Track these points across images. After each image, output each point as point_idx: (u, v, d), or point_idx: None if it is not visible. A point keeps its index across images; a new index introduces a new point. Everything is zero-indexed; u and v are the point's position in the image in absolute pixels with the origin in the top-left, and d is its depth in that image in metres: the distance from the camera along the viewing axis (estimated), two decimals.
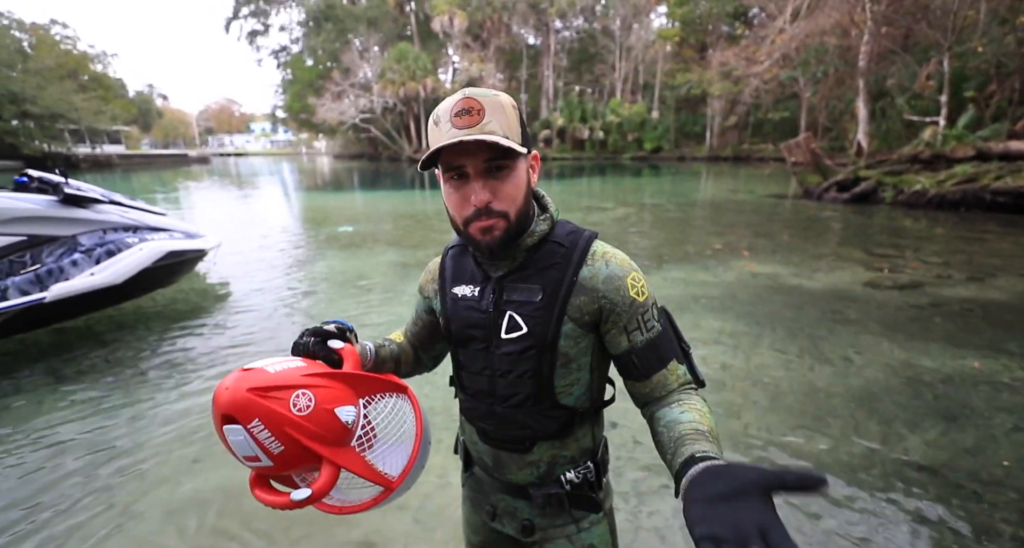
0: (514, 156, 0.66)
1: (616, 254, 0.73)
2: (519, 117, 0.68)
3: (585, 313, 0.70)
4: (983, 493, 1.86)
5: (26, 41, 29.92)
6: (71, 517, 1.81)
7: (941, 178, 9.06)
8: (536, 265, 0.72)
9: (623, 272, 0.70)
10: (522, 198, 0.69)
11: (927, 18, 12.30)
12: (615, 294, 0.69)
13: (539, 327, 0.70)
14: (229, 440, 0.56)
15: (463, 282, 0.78)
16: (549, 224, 0.74)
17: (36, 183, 3.49)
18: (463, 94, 0.64)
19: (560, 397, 0.74)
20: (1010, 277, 4.65)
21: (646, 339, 0.70)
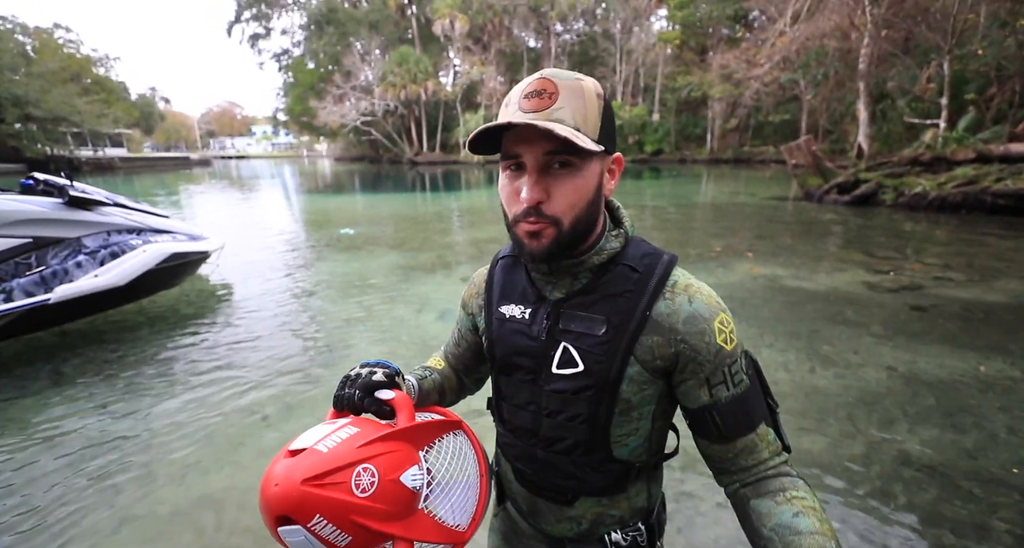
0: (583, 153, 0.54)
1: (701, 288, 0.60)
2: (602, 109, 0.56)
3: (657, 357, 0.59)
4: (982, 493, 1.87)
5: (29, 45, 30.10)
6: (75, 516, 1.83)
7: (942, 180, 9.07)
8: (602, 291, 0.60)
9: (710, 312, 0.58)
10: (584, 205, 0.57)
11: (927, 21, 12.33)
12: (698, 339, 0.57)
13: (599, 366, 0.59)
14: (287, 541, 0.48)
15: (512, 300, 0.67)
16: (622, 242, 0.62)
17: (42, 186, 3.53)
18: (540, 74, 0.55)
19: (615, 448, 0.63)
20: (1011, 279, 4.65)
21: (732, 396, 0.58)
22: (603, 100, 0.57)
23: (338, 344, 3.43)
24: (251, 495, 1.93)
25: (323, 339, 3.54)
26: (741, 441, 0.59)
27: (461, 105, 34.13)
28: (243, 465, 2.12)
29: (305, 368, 3.06)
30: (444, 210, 11.39)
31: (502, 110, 0.58)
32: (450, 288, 4.72)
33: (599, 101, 0.56)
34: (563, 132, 0.50)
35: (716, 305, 0.59)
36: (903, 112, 13.66)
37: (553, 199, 0.56)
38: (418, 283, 4.89)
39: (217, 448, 2.24)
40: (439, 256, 6.04)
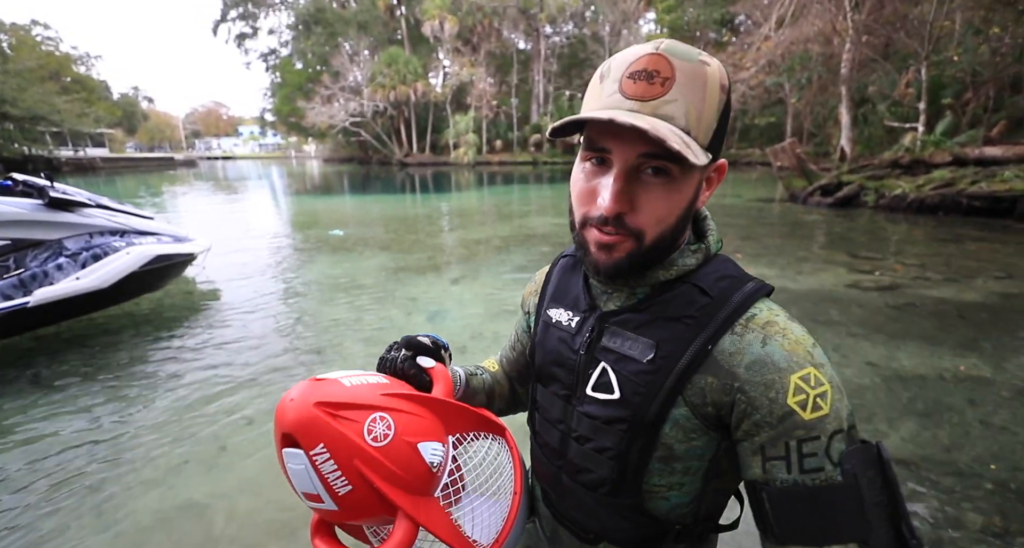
0: (686, 163, 0.43)
1: (789, 330, 0.47)
2: (722, 105, 0.45)
3: (709, 402, 0.47)
4: (957, 486, 1.93)
5: (5, 42, 29.36)
6: (58, 521, 1.79)
7: (920, 183, 9.32)
8: (659, 311, 0.50)
9: (788, 362, 0.44)
10: (674, 220, 0.47)
11: (906, 28, 12.67)
12: (760, 392, 0.44)
13: (637, 398, 0.49)
14: (288, 467, 0.45)
15: (563, 305, 0.59)
16: (699, 259, 0.52)
17: (21, 187, 3.45)
18: (655, 45, 0.43)
19: (649, 499, 0.53)
20: (985, 278, 4.80)
21: (795, 483, 0.43)
22: (727, 94, 0.46)
23: (327, 346, 3.41)
24: (233, 499, 1.91)
25: (311, 341, 3.52)
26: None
27: (451, 106, 34.09)
28: (227, 467, 2.10)
29: (293, 370, 3.03)
30: (434, 211, 11.36)
31: (595, 83, 0.46)
32: (440, 289, 4.72)
33: (722, 95, 0.45)
34: (675, 144, 0.40)
35: (803, 356, 0.45)
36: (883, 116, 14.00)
37: (639, 210, 0.46)
38: (408, 284, 4.88)
39: (201, 450, 2.22)
40: (429, 257, 6.03)
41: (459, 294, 4.57)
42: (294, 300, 4.53)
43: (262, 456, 2.19)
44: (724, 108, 0.46)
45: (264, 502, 1.90)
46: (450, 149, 33.43)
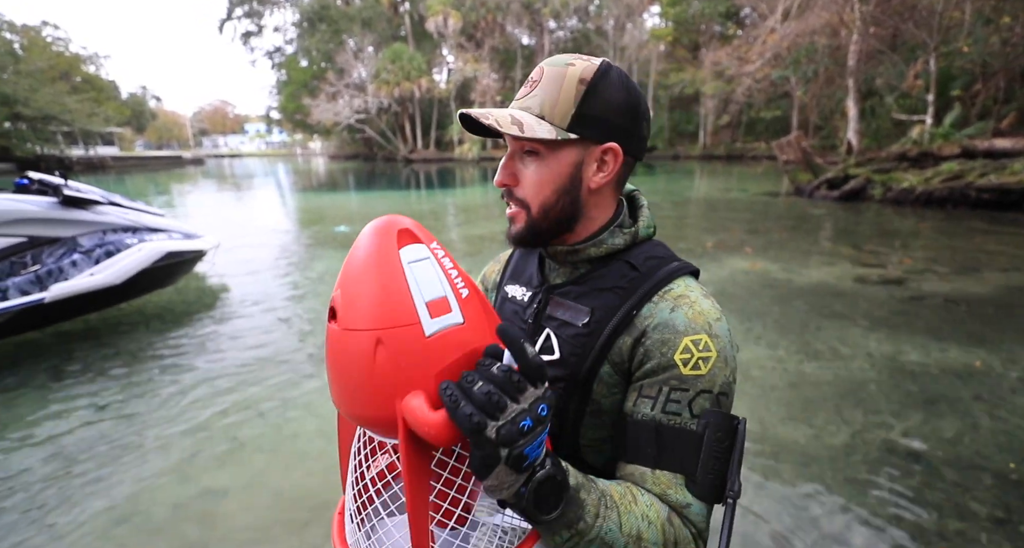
0: (549, 143, 0.54)
1: (697, 304, 0.54)
2: (582, 94, 0.53)
3: (625, 358, 0.55)
4: (961, 478, 1.94)
5: (17, 43, 29.63)
6: (72, 513, 1.86)
7: (928, 175, 9.22)
8: (594, 283, 0.59)
9: (686, 327, 0.52)
10: (551, 193, 0.56)
11: (914, 18, 12.48)
12: (656, 346, 0.52)
13: (574, 358, 0.56)
14: (409, 269, 0.40)
15: (519, 282, 0.68)
16: (626, 241, 0.60)
17: (37, 185, 3.52)
18: (544, 62, 0.56)
19: (586, 452, 0.59)
20: (993, 272, 4.77)
21: (652, 419, 0.51)
22: (587, 85, 0.53)
23: None
24: (249, 490, 1.97)
25: (319, 336, 3.57)
26: (631, 468, 0.51)
27: (455, 102, 34.02)
28: (239, 460, 2.16)
29: (301, 365, 3.09)
30: (439, 207, 11.40)
31: None
32: None
33: (580, 86, 0.53)
34: (488, 121, 0.52)
35: (702, 325, 0.52)
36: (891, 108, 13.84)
37: (521, 184, 0.57)
38: None
39: (213, 443, 2.27)
40: None
41: None
42: (301, 296, 4.59)
43: (274, 449, 2.24)
44: (586, 96, 0.53)
45: (275, 495, 1.95)
46: (454, 145, 33.41)
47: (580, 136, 0.54)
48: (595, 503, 0.44)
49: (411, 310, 0.38)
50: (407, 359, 0.38)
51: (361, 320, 0.38)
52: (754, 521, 1.75)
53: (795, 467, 2.03)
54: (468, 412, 0.35)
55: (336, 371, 0.41)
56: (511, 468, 0.38)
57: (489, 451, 0.37)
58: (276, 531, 1.75)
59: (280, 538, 1.71)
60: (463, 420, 0.35)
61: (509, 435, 0.36)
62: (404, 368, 0.38)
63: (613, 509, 0.45)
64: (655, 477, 0.50)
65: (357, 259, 0.41)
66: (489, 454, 0.37)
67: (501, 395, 0.36)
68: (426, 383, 0.38)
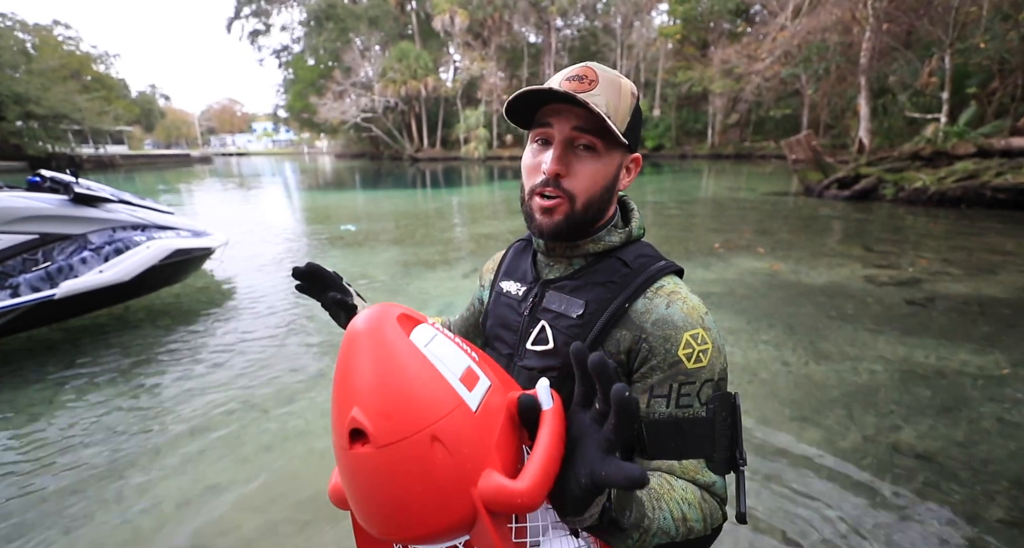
0: (608, 140, 0.57)
1: (688, 299, 0.59)
2: (634, 107, 0.60)
3: (621, 351, 0.58)
4: (974, 482, 1.91)
5: (29, 42, 30.03)
6: (82, 506, 1.87)
7: (942, 175, 9.06)
8: (589, 278, 0.62)
9: (684, 323, 0.56)
10: (599, 189, 0.60)
11: (929, 14, 12.26)
12: (660, 343, 0.56)
13: (567, 348, 0.59)
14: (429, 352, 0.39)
15: (513, 278, 0.71)
16: (622, 239, 0.64)
17: (48, 183, 3.56)
18: (585, 63, 0.59)
19: None
20: (1009, 273, 4.67)
21: (669, 415, 0.54)
22: (636, 100, 0.60)
23: (340, 339, 3.46)
24: (252, 488, 1.97)
25: (325, 334, 3.59)
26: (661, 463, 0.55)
27: (461, 101, 34.03)
28: (244, 457, 2.17)
29: (307, 363, 3.10)
30: (445, 206, 11.40)
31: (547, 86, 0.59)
32: (451, 283, 4.75)
33: (632, 99, 0.59)
34: (600, 110, 0.54)
35: (696, 320, 0.57)
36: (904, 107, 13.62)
37: (573, 175, 0.58)
38: (419, 278, 4.92)
39: (219, 440, 2.28)
40: (440, 252, 6.07)
41: (470, 288, 4.60)
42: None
43: (279, 447, 2.25)
44: (635, 110, 0.60)
45: (280, 493, 1.96)
46: (460, 144, 33.42)
47: (628, 143, 0.60)
48: (648, 498, 0.47)
49: (451, 392, 0.36)
50: (467, 443, 0.35)
51: (406, 425, 0.34)
52: (760, 524, 1.73)
53: (803, 469, 2.00)
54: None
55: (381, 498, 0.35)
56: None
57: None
58: (282, 529, 1.75)
59: (286, 536, 1.72)
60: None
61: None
62: (467, 454, 0.35)
63: (661, 499, 0.49)
64: (682, 467, 0.54)
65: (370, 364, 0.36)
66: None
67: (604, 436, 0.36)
68: (491, 458, 0.36)
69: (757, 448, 2.15)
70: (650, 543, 0.46)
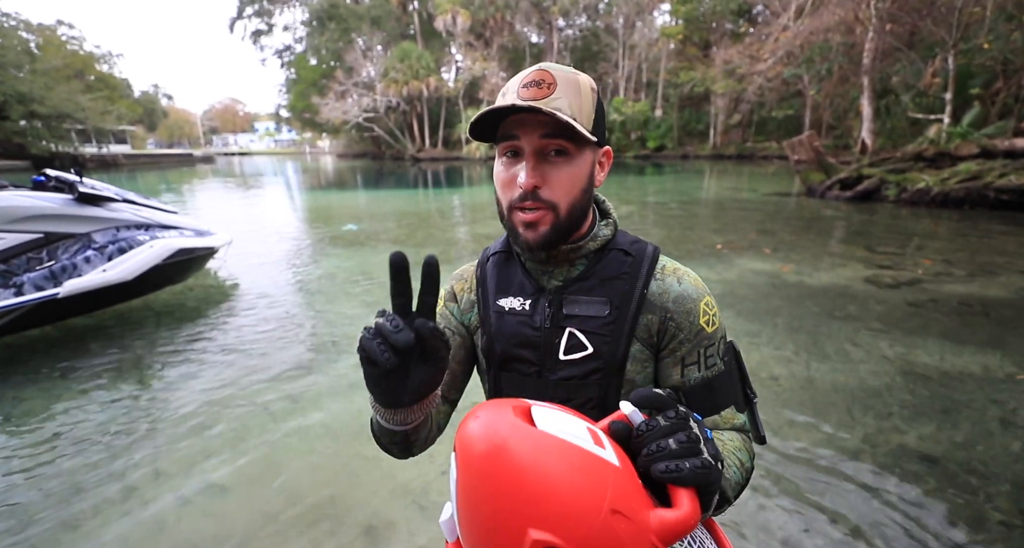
0: (579, 141, 0.56)
1: (688, 273, 0.64)
2: (596, 102, 0.58)
3: (653, 333, 0.61)
4: (976, 484, 1.90)
5: (33, 42, 30.15)
6: (87, 504, 1.88)
7: (945, 176, 9.03)
8: (600, 275, 0.62)
9: (697, 294, 0.62)
10: (579, 192, 0.59)
11: (932, 15, 12.23)
12: (684, 317, 0.60)
13: (607, 346, 0.60)
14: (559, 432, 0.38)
15: (510, 294, 0.66)
16: (613, 230, 0.66)
17: (53, 182, 3.58)
18: (538, 66, 0.57)
19: None
20: (1012, 274, 4.66)
21: (702, 377, 0.60)
22: (596, 94, 0.59)
23: (342, 339, 3.48)
24: (256, 487, 1.98)
25: (327, 334, 3.59)
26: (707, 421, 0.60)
27: (463, 101, 34.05)
28: (248, 456, 2.17)
29: (309, 362, 3.11)
30: (446, 206, 11.41)
31: (499, 99, 0.58)
32: None
33: (593, 94, 0.58)
34: (564, 116, 0.53)
35: (702, 288, 0.63)
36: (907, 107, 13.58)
37: (550, 185, 0.57)
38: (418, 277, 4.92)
39: (223, 439, 2.29)
40: (442, 252, 6.08)
41: None
42: (310, 294, 4.62)
43: (281, 445, 2.26)
44: (597, 105, 0.59)
45: (280, 490, 1.97)
46: (462, 144, 33.44)
47: (597, 140, 0.59)
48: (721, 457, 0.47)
49: (596, 459, 0.37)
50: (631, 499, 0.36)
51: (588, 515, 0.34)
52: (761, 526, 1.73)
53: (804, 471, 2.00)
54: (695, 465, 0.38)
55: None
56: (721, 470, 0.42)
57: (717, 474, 0.40)
58: (283, 527, 1.76)
59: (288, 534, 1.72)
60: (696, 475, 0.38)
61: (716, 450, 0.41)
62: (636, 509, 0.36)
63: (724, 456, 0.51)
64: (722, 418, 0.60)
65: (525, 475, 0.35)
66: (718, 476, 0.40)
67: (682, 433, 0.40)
68: (647, 500, 0.37)
69: (758, 449, 2.15)
70: (731, 497, 0.52)
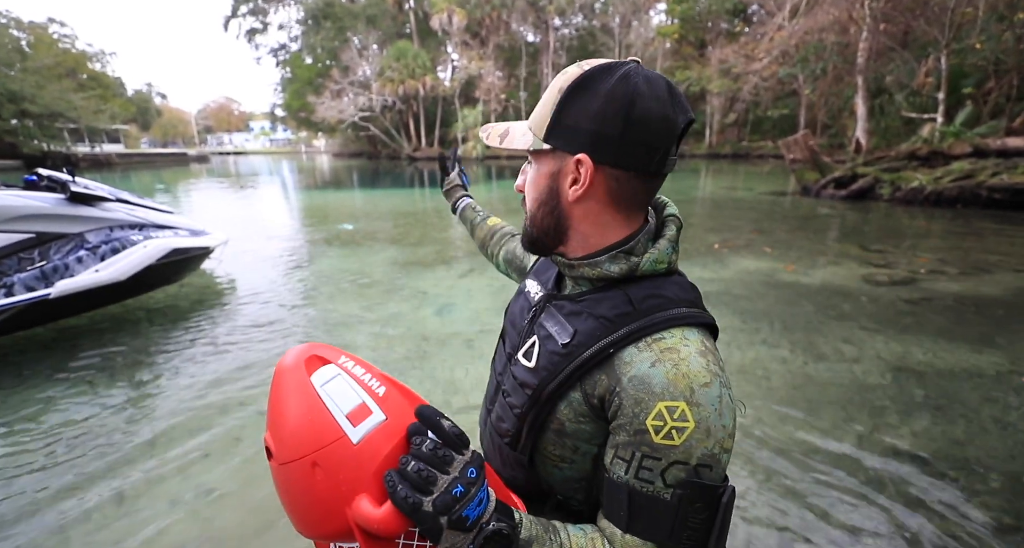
0: (533, 152, 0.57)
1: (684, 363, 0.48)
2: (558, 102, 0.52)
3: (596, 395, 0.52)
4: (968, 481, 1.92)
5: (24, 40, 29.81)
6: (80, 507, 1.86)
7: (938, 175, 9.10)
8: (589, 306, 0.55)
9: (662, 389, 0.47)
10: (533, 200, 0.57)
11: (925, 15, 12.31)
12: (630, 403, 0.48)
13: (545, 373, 0.55)
14: (323, 391, 0.43)
15: (538, 280, 0.68)
16: (621, 270, 0.54)
17: (45, 182, 3.54)
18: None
19: (543, 463, 0.59)
20: (1004, 273, 4.70)
21: (625, 482, 0.48)
22: (563, 93, 0.51)
23: (337, 339, 3.47)
24: (249, 487, 1.97)
25: (322, 334, 3.58)
26: (607, 526, 0.50)
27: (459, 100, 33.99)
28: (242, 457, 2.16)
29: None
30: (442, 205, 11.39)
31: None
32: (449, 283, 4.75)
33: (557, 95, 0.52)
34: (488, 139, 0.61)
35: (681, 391, 0.47)
36: (901, 107, 13.67)
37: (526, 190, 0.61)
38: (417, 278, 4.92)
39: (216, 440, 2.28)
40: (438, 251, 6.06)
41: (467, 288, 4.60)
42: (305, 293, 4.60)
43: None
44: (562, 105, 0.52)
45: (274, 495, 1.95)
46: (458, 143, 33.39)
47: (553, 146, 0.53)
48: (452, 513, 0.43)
49: (334, 426, 0.42)
50: (343, 470, 0.41)
51: (293, 451, 0.42)
52: (757, 525, 1.74)
53: (799, 470, 2.01)
54: (404, 495, 0.40)
55: (287, 502, 0.45)
56: (456, 530, 0.42)
57: (431, 524, 0.41)
58: (279, 530, 1.75)
59: (286, 537, 1.72)
60: (401, 503, 0.40)
61: (444, 504, 0.41)
62: (343, 480, 0.41)
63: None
64: (623, 541, 0.49)
65: (276, 398, 0.44)
66: (432, 526, 0.41)
67: (430, 470, 0.41)
68: (367, 484, 0.42)
69: (753, 447, 2.16)
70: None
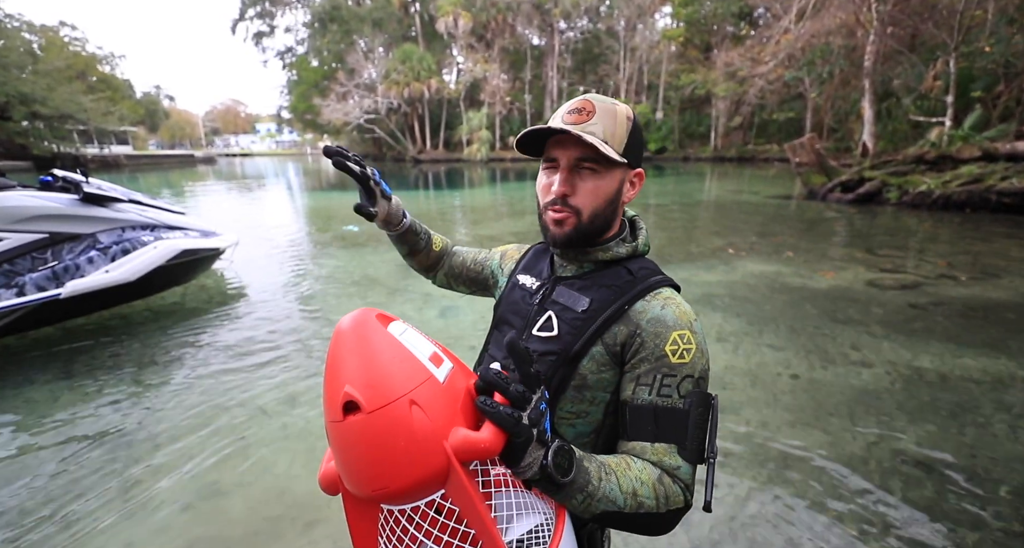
0: (607, 162, 0.66)
1: (680, 305, 0.66)
2: (631, 129, 0.68)
3: (618, 343, 0.66)
4: (977, 489, 1.90)
5: (36, 43, 30.21)
6: (86, 505, 1.88)
7: (946, 179, 9.03)
8: (597, 280, 0.71)
9: (674, 322, 0.64)
10: (602, 203, 0.68)
11: (934, 18, 12.25)
12: (651, 338, 0.64)
13: (570, 336, 0.67)
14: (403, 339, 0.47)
15: (530, 274, 0.80)
16: (628, 251, 0.72)
17: (60, 182, 3.59)
18: (583, 96, 0.68)
19: (559, 425, 0.69)
20: (1014, 277, 4.66)
21: (650, 402, 0.61)
22: (632, 122, 0.68)
23: None
24: (254, 487, 1.98)
25: (329, 333, 3.59)
26: (634, 444, 0.61)
27: (464, 103, 34.09)
28: (247, 456, 2.18)
29: (307, 363, 3.11)
30: (447, 208, 11.42)
31: (551, 121, 0.70)
32: None
33: (628, 122, 0.68)
34: (591, 139, 0.63)
35: (686, 322, 0.64)
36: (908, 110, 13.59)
37: (577, 193, 0.68)
38: (420, 280, 4.92)
39: (223, 441, 2.29)
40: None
41: None
42: (310, 295, 4.63)
43: (279, 446, 2.26)
44: (632, 131, 0.68)
45: (281, 493, 1.97)
46: (463, 146, 33.47)
47: (627, 161, 0.68)
48: (597, 469, 0.54)
49: (422, 368, 0.46)
50: (437, 407, 0.44)
51: (390, 392, 0.43)
52: (763, 528, 1.73)
53: (805, 475, 2.00)
54: (508, 411, 0.45)
55: (371, 457, 0.44)
56: (538, 443, 0.48)
57: (527, 434, 0.46)
58: (284, 529, 1.76)
59: (288, 536, 1.72)
60: (506, 419, 0.45)
61: (537, 417, 0.47)
62: (438, 415, 0.44)
63: (611, 473, 0.55)
64: (653, 449, 0.60)
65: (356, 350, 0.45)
66: (528, 437, 0.46)
67: (527, 390, 0.47)
68: (456, 419, 0.45)
69: (758, 452, 2.15)
70: (596, 508, 0.54)
